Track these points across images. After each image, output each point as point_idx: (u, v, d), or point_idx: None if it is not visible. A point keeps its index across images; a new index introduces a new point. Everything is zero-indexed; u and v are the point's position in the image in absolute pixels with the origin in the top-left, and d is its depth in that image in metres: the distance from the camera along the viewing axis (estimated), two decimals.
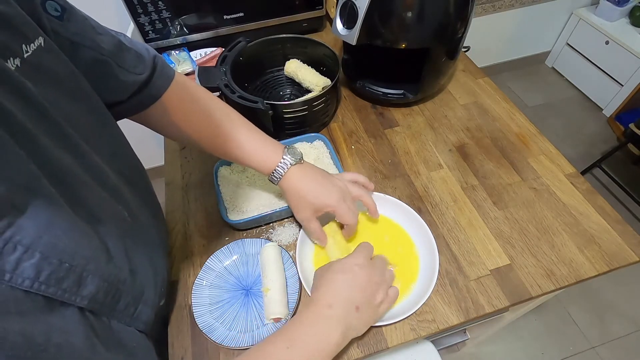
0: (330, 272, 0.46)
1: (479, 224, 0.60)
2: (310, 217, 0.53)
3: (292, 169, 0.52)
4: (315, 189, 0.52)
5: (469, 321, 0.51)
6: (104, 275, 0.32)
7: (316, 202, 0.52)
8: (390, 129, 0.75)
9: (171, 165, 0.70)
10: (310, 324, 0.42)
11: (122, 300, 0.35)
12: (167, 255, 0.55)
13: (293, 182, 0.52)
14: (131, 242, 0.38)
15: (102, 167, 0.36)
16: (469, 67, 0.87)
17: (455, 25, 0.66)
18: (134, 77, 0.42)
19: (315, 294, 0.45)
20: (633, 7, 1.81)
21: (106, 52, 0.39)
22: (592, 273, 0.54)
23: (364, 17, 0.62)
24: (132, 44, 0.43)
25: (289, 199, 0.54)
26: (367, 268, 0.47)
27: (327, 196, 0.52)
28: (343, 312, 0.43)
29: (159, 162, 1.71)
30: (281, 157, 0.52)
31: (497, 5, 1.82)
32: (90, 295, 0.30)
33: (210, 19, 0.83)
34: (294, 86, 0.80)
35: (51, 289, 0.27)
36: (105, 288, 0.32)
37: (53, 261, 0.27)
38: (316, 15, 0.91)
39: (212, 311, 0.51)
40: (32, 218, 0.26)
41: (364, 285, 0.45)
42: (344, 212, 0.52)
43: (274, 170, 0.52)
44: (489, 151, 0.70)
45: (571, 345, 1.31)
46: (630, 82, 1.82)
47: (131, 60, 0.42)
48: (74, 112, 0.33)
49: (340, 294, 0.44)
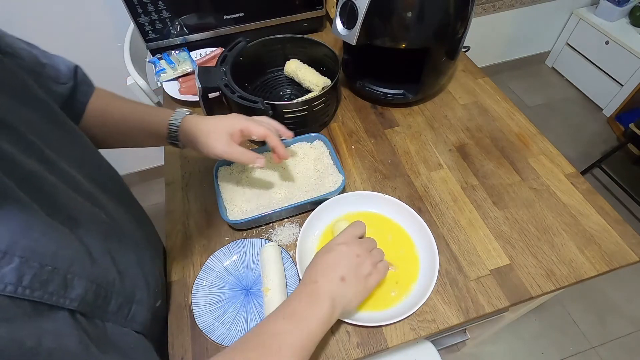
0: (316, 255, 0.48)
1: (479, 224, 0.60)
2: (228, 143, 0.51)
3: (186, 117, 0.53)
4: (218, 119, 0.53)
5: (469, 321, 0.51)
6: (91, 277, 0.32)
7: (225, 125, 0.52)
8: (390, 129, 0.75)
9: (171, 165, 0.70)
10: (299, 298, 0.43)
11: (113, 301, 0.35)
12: (159, 256, 0.56)
13: (193, 127, 0.52)
14: (114, 244, 0.38)
15: (71, 172, 0.36)
16: (469, 67, 0.87)
17: (455, 25, 0.66)
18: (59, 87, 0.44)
19: (304, 275, 0.47)
20: (633, 7, 1.81)
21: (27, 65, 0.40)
22: (592, 273, 0.54)
23: (364, 17, 0.62)
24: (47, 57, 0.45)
25: (199, 145, 0.52)
26: (351, 244, 0.48)
27: (232, 120, 0.53)
28: (328, 284, 0.44)
29: (159, 162, 1.71)
30: (172, 112, 0.54)
31: (497, 5, 1.82)
32: (79, 297, 0.30)
33: (210, 19, 0.83)
34: (294, 86, 0.80)
35: (37, 292, 0.27)
36: (93, 289, 0.32)
37: (34, 264, 0.27)
38: (316, 15, 0.91)
39: (212, 311, 0.51)
40: (4, 224, 0.26)
41: (347, 259, 0.46)
42: (253, 124, 0.53)
43: (169, 126, 0.53)
44: (489, 151, 0.70)
45: (571, 345, 1.31)
46: (630, 82, 1.82)
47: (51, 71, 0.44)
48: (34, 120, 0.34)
49: (324, 269, 0.45)
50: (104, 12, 1.15)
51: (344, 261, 0.46)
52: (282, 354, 0.38)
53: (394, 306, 0.51)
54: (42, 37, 1.15)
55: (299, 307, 0.42)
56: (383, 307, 0.51)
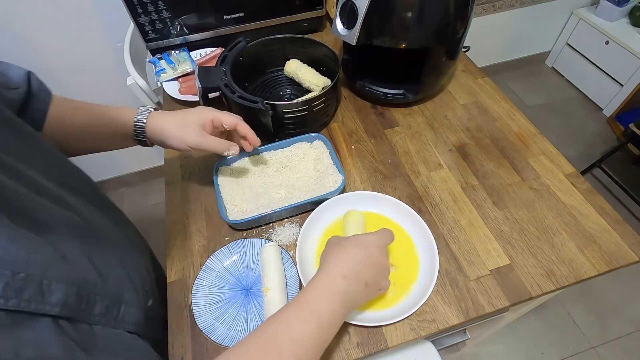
0: (346, 242, 0.45)
1: (479, 224, 0.60)
2: (201, 133, 0.53)
3: (152, 114, 0.53)
4: (185, 112, 0.54)
5: (469, 321, 0.51)
6: (70, 280, 0.31)
7: (195, 116, 0.53)
8: (390, 129, 0.75)
9: (171, 165, 0.70)
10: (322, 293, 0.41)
11: (98, 303, 0.35)
12: (145, 255, 0.54)
13: (162, 122, 0.53)
14: (91, 246, 0.37)
15: (34, 177, 0.35)
16: (469, 67, 0.87)
17: (455, 25, 0.66)
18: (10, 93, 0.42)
19: (328, 263, 0.44)
20: (633, 7, 1.81)
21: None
22: (592, 273, 0.54)
23: (364, 17, 0.62)
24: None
25: (170, 140, 0.53)
26: (382, 251, 0.46)
27: (201, 111, 0.54)
28: (356, 286, 0.42)
29: (159, 162, 1.71)
30: (136, 111, 0.53)
31: (497, 5, 1.82)
32: (60, 301, 0.30)
33: (210, 19, 0.83)
34: (294, 86, 0.80)
35: (11, 301, 0.26)
36: (75, 292, 0.32)
37: (5, 272, 0.26)
38: (316, 15, 0.91)
39: (212, 311, 0.51)
40: None
41: (376, 266, 0.45)
42: (223, 114, 0.54)
43: (134, 125, 0.53)
44: (489, 151, 0.70)
45: (571, 345, 1.31)
46: (630, 82, 1.82)
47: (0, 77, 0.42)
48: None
49: (354, 267, 0.43)
50: (104, 12, 1.15)
51: (372, 266, 0.45)
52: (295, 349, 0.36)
53: (394, 306, 0.51)
54: (42, 37, 1.15)
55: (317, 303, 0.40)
56: (383, 307, 0.51)
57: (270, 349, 0.35)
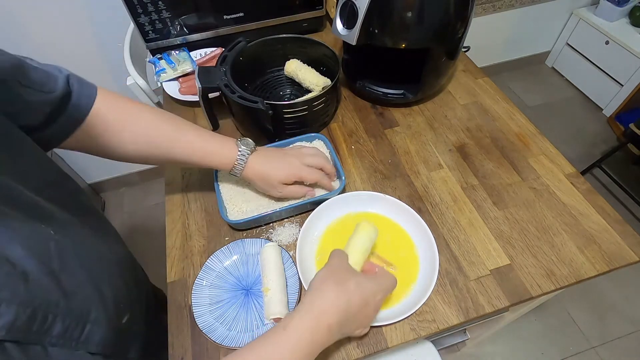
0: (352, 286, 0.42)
1: (479, 224, 0.60)
2: (281, 188, 0.57)
3: (250, 157, 0.55)
4: (276, 166, 0.56)
5: (469, 321, 0.51)
6: (25, 302, 0.30)
7: (280, 175, 0.56)
8: (390, 129, 0.75)
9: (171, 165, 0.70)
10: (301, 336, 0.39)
11: (58, 324, 0.33)
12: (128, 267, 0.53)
13: (255, 170, 0.55)
14: (62, 262, 0.36)
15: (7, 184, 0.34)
16: (469, 67, 0.87)
17: (455, 25, 0.66)
18: (43, 96, 0.41)
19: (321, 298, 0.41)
20: (633, 7, 1.81)
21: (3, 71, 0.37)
22: (592, 273, 0.54)
23: (364, 17, 0.62)
24: (40, 64, 0.43)
25: (258, 185, 0.58)
26: (379, 306, 0.46)
27: (287, 168, 0.56)
28: (332, 338, 0.41)
29: None
30: (237, 151, 0.54)
31: (497, 5, 1.83)
32: (7, 324, 0.28)
33: (210, 19, 0.83)
34: (294, 86, 0.80)
35: None
36: (28, 314, 0.30)
37: None
38: (316, 15, 0.91)
39: (212, 311, 0.51)
40: None
41: (364, 319, 0.44)
42: (307, 174, 0.57)
43: (234, 165, 0.54)
44: (489, 151, 0.70)
45: (571, 345, 1.31)
46: (630, 82, 1.82)
47: (37, 78, 0.41)
48: None
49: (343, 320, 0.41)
50: (104, 12, 1.15)
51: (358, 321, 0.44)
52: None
53: (394, 306, 0.51)
54: (42, 37, 1.15)
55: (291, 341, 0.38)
56: (383, 307, 0.51)
57: None
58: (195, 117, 0.78)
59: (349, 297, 0.41)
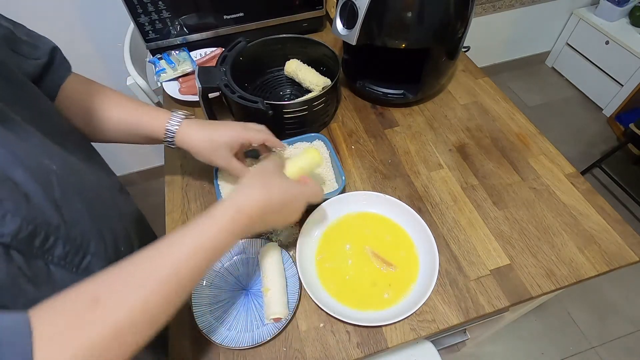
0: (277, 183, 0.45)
1: (479, 224, 0.60)
2: (229, 158, 0.54)
3: (184, 122, 0.53)
4: (218, 129, 0.54)
5: (469, 321, 0.51)
6: (27, 217, 0.31)
7: (225, 137, 0.53)
8: (390, 129, 0.75)
9: (171, 165, 0.70)
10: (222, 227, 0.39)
11: (59, 246, 0.35)
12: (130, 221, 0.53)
13: (193, 136, 0.53)
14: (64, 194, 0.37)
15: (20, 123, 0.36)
16: (469, 67, 0.87)
17: (455, 25, 0.66)
18: (32, 63, 0.44)
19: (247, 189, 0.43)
20: (633, 7, 1.81)
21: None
22: (592, 273, 0.54)
23: (364, 17, 0.62)
24: (28, 35, 0.46)
25: (201, 153, 0.54)
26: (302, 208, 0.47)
27: (231, 129, 0.54)
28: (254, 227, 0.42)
29: (159, 162, 1.71)
30: (170, 115, 0.53)
31: (497, 5, 1.82)
32: (12, 233, 0.30)
33: (210, 19, 0.83)
34: (294, 86, 0.80)
35: None
36: (30, 230, 0.32)
37: None
38: (316, 15, 0.91)
39: (212, 311, 0.51)
40: None
41: (285, 215, 0.46)
42: (254, 134, 0.55)
43: (166, 129, 0.53)
44: (489, 151, 0.70)
45: (571, 345, 1.31)
46: (630, 82, 1.82)
47: (26, 48, 0.44)
48: None
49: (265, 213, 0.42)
50: (103, 12, 1.15)
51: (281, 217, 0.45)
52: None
53: (394, 306, 0.51)
54: None
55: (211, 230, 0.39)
56: (383, 307, 0.51)
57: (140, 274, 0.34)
58: (195, 117, 0.78)
59: (270, 195, 0.43)
